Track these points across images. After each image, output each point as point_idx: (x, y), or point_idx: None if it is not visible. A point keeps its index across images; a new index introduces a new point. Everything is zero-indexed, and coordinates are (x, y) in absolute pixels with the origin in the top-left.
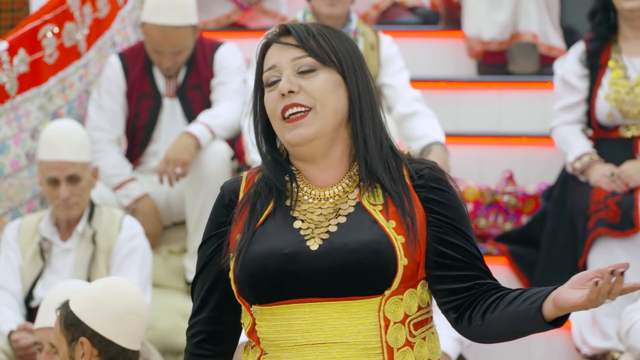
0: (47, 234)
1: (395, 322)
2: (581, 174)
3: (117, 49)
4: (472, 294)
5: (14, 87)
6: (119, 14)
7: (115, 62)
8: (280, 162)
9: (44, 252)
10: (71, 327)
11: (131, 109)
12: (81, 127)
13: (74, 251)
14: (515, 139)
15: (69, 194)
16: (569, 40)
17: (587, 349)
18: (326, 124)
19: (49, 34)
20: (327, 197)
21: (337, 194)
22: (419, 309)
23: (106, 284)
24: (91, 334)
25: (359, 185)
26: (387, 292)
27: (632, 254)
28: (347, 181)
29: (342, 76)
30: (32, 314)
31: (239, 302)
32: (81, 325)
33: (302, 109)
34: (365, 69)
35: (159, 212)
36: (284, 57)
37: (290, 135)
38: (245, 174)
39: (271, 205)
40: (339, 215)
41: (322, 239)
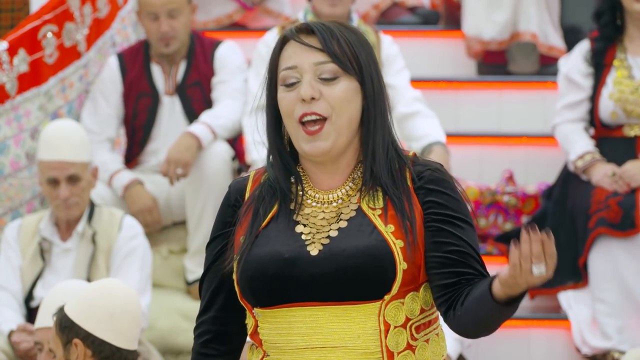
0: (47, 234)
1: (395, 326)
2: (583, 172)
3: (117, 49)
4: (459, 287)
5: (14, 87)
6: (119, 14)
7: (113, 63)
8: (287, 163)
9: (44, 252)
10: (65, 330)
11: (129, 108)
12: (81, 127)
13: (74, 251)
14: (515, 139)
15: (68, 194)
16: (569, 39)
17: (587, 349)
18: (342, 134)
19: (49, 34)
20: (331, 201)
21: (341, 198)
22: (422, 311)
23: (97, 285)
24: (84, 335)
25: (361, 189)
26: (387, 297)
27: (632, 254)
28: (350, 184)
29: (360, 82)
30: (32, 314)
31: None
32: (74, 326)
33: (319, 117)
34: (379, 72)
35: (148, 194)
36: (306, 60)
37: (308, 147)
38: (252, 174)
39: (275, 208)
40: (340, 219)
41: (322, 244)
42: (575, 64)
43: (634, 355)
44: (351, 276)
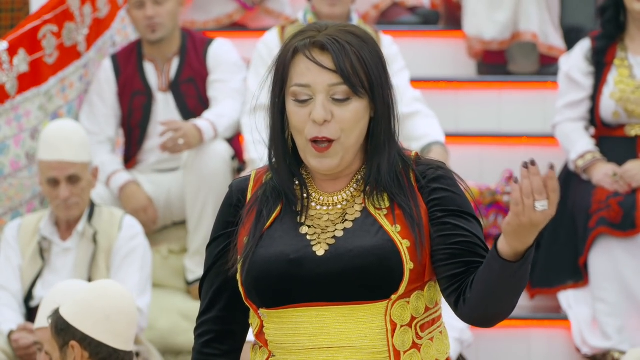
0: (47, 234)
1: (402, 326)
2: (583, 172)
3: (117, 48)
4: (468, 276)
5: (14, 87)
6: (119, 14)
7: (107, 64)
8: (291, 166)
9: (43, 251)
10: (61, 332)
11: (124, 107)
12: (81, 127)
13: (74, 251)
14: (515, 139)
15: (69, 194)
16: (569, 39)
17: (587, 349)
18: (348, 153)
19: (49, 34)
20: (335, 203)
21: (346, 199)
22: (427, 310)
23: (93, 286)
24: (81, 337)
25: (365, 190)
26: (393, 297)
27: (632, 254)
28: (354, 186)
29: (371, 99)
30: (32, 314)
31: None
32: (70, 329)
33: (329, 141)
34: (389, 80)
35: (144, 193)
36: (319, 80)
37: (314, 162)
38: (253, 173)
39: (279, 208)
40: (346, 220)
41: (328, 244)
42: (576, 62)
43: (634, 355)
44: (358, 276)
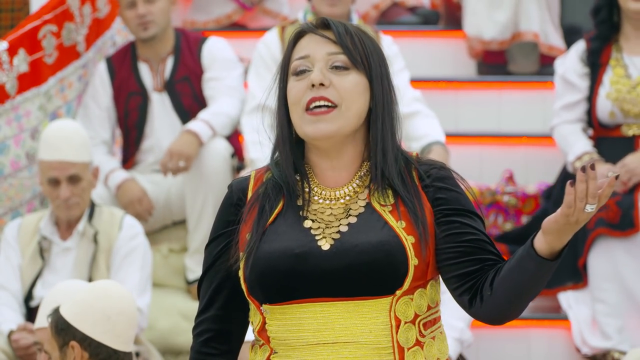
0: (47, 233)
1: (405, 322)
2: None
3: (117, 49)
4: (482, 273)
5: (14, 87)
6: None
7: (101, 67)
8: (293, 160)
9: (43, 251)
10: (61, 332)
11: (120, 109)
12: (82, 128)
13: (74, 250)
14: (515, 139)
15: (69, 194)
16: (569, 39)
17: (587, 349)
18: (347, 125)
19: (49, 34)
20: (338, 198)
21: (348, 194)
22: (429, 308)
23: (93, 287)
24: (81, 337)
25: (369, 186)
26: (398, 292)
27: (632, 254)
28: (357, 181)
29: (369, 81)
30: (32, 314)
31: (248, 301)
32: (70, 329)
33: (329, 104)
34: (390, 78)
35: (138, 185)
36: (319, 50)
37: (310, 128)
38: (253, 173)
39: (281, 204)
40: (350, 215)
41: (333, 238)
42: (571, 64)
43: (634, 355)
44: (364, 271)
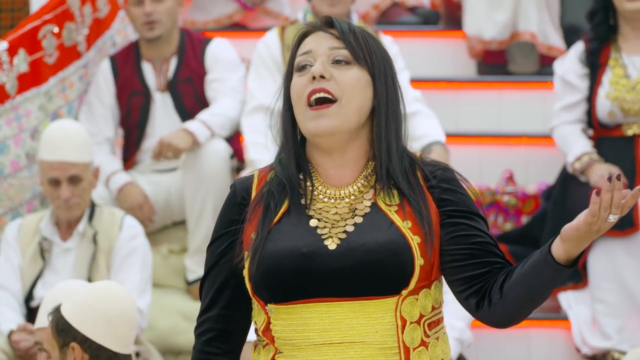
0: (47, 234)
1: (411, 322)
2: (581, 174)
3: (117, 49)
4: (490, 276)
5: (14, 87)
6: (119, 14)
7: (105, 65)
8: (297, 159)
9: (43, 251)
10: (62, 333)
11: (123, 108)
12: (82, 128)
13: (74, 251)
14: (515, 139)
15: (70, 194)
16: (569, 39)
17: (587, 349)
18: (348, 120)
19: (49, 34)
20: (343, 197)
21: (353, 194)
22: (433, 309)
23: (95, 288)
24: (82, 339)
25: (374, 186)
26: (404, 292)
27: (632, 254)
28: (362, 181)
29: (372, 78)
30: (32, 314)
31: (252, 301)
32: (71, 330)
33: (329, 97)
34: (395, 78)
35: (139, 190)
36: (321, 45)
37: (311, 124)
38: (256, 172)
39: (286, 203)
40: (356, 215)
41: (339, 238)
42: (570, 65)
43: (634, 355)
44: (371, 271)
